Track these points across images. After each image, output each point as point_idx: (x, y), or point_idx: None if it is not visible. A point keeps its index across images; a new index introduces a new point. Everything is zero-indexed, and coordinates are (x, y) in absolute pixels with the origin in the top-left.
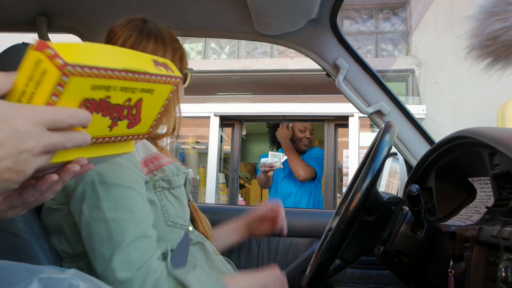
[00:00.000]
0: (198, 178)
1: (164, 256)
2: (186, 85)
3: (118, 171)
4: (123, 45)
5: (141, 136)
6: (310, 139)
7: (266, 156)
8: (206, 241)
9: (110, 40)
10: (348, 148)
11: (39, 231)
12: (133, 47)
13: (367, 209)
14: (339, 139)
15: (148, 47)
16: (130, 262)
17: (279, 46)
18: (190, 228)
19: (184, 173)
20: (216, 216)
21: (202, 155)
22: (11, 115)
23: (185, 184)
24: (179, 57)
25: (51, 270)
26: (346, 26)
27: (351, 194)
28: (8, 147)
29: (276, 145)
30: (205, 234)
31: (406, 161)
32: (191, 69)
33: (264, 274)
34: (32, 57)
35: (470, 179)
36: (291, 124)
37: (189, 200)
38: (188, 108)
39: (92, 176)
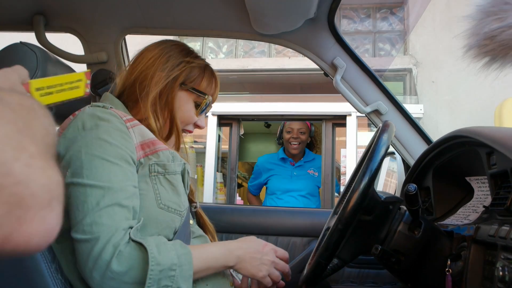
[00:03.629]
0: (196, 177)
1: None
2: (200, 110)
3: (105, 147)
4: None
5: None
6: (299, 139)
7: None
8: (206, 236)
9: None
10: (345, 148)
11: None
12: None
13: (365, 208)
14: (336, 139)
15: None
16: (99, 224)
17: (277, 46)
18: (191, 221)
19: (181, 161)
20: (215, 215)
21: (200, 155)
22: None
23: (183, 175)
24: (215, 85)
25: None
26: (344, 25)
27: (348, 193)
28: None
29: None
30: (211, 240)
31: (403, 161)
32: (205, 95)
33: (241, 250)
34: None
35: (467, 178)
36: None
37: (196, 207)
38: None
39: (80, 147)
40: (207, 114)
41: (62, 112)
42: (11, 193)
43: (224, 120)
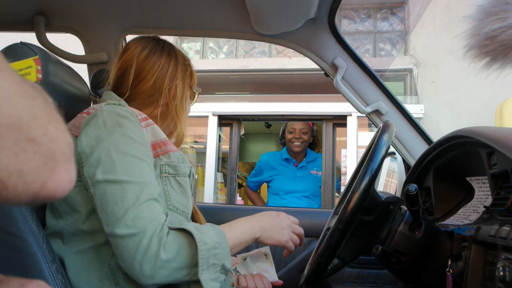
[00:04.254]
0: (196, 177)
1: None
2: (193, 103)
3: (132, 144)
4: (137, 56)
5: None
6: (302, 139)
7: (268, 154)
8: None
9: (125, 52)
10: (346, 148)
11: (37, 230)
12: (146, 58)
13: (365, 208)
14: (337, 139)
15: (160, 60)
16: (142, 218)
17: (277, 46)
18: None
19: (189, 165)
20: (215, 215)
21: (200, 155)
22: None
23: (189, 176)
24: (190, 74)
25: None
26: (344, 25)
27: (349, 193)
28: None
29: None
30: None
31: (404, 161)
32: (199, 89)
33: (262, 222)
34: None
35: (468, 179)
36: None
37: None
38: None
39: (108, 145)
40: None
41: (62, 112)
42: (47, 149)
43: (224, 120)
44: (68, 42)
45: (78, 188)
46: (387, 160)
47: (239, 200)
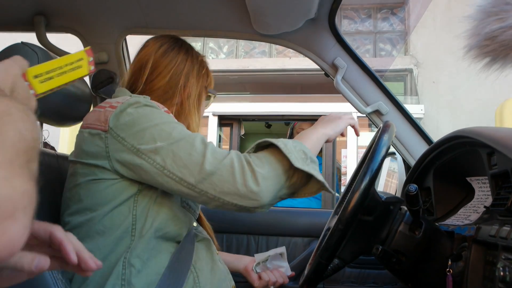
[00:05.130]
0: None
1: None
2: (209, 105)
3: (169, 118)
4: (155, 52)
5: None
6: None
7: None
8: (210, 239)
9: (143, 49)
10: (346, 148)
11: None
12: (164, 54)
13: (366, 208)
14: (337, 139)
15: (177, 57)
16: (219, 152)
17: (277, 46)
18: (195, 224)
19: None
20: (215, 215)
21: None
22: None
23: None
24: (206, 73)
25: None
26: (345, 25)
27: (349, 194)
28: None
29: None
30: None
31: (404, 161)
32: (215, 92)
33: (322, 126)
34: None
35: (468, 179)
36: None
37: None
38: None
39: (153, 121)
40: (207, 115)
41: (62, 112)
42: None
43: (224, 120)
44: (68, 43)
45: (104, 184)
46: (387, 160)
47: None
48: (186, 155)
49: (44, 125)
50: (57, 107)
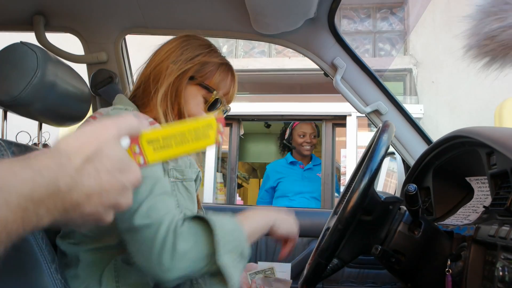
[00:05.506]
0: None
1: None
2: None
3: None
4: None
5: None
6: (311, 143)
7: (273, 163)
8: None
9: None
10: (345, 148)
11: (37, 230)
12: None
13: (365, 208)
14: (336, 139)
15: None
16: (157, 210)
17: (277, 46)
18: None
19: (197, 169)
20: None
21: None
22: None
23: (195, 180)
24: (199, 65)
25: None
26: (344, 25)
27: (348, 193)
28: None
29: (286, 150)
30: None
31: (403, 161)
32: (226, 110)
33: (273, 212)
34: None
35: (467, 179)
36: (293, 124)
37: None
38: None
39: None
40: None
41: (61, 112)
42: None
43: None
44: (68, 42)
45: None
46: (387, 160)
47: (238, 200)
48: None
49: (44, 126)
50: (57, 107)
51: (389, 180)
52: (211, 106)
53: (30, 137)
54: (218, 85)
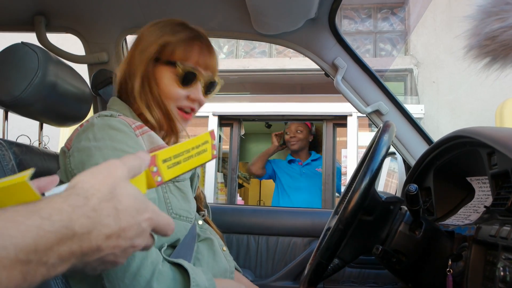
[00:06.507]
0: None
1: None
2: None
3: None
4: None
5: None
6: (296, 138)
7: (275, 160)
8: (215, 236)
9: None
10: (346, 148)
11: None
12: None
13: (366, 208)
14: (337, 139)
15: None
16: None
17: (277, 46)
18: (200, 222)
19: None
20: (215, 216)
21: None
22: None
23: (192, 179)
24: (197, 52)
25: None
26: (345, 25)
27: (349, 193)
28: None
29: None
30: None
31: (404, 161)
32: (213, 81)
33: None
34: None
35: (468, 179)
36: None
37: (204, 216)
38: None
39: (97, 159)
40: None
41: (62, 112)
42: None
43: (224, 121)
44: (68, 42)
45: None
46: (387, 160)
47: (239, 200)
48: None
49: (45, 130)
50: (57, 107)
51: (390, 180)
52: (186, 80)
53: (30, 141)
54: (185, 57)
